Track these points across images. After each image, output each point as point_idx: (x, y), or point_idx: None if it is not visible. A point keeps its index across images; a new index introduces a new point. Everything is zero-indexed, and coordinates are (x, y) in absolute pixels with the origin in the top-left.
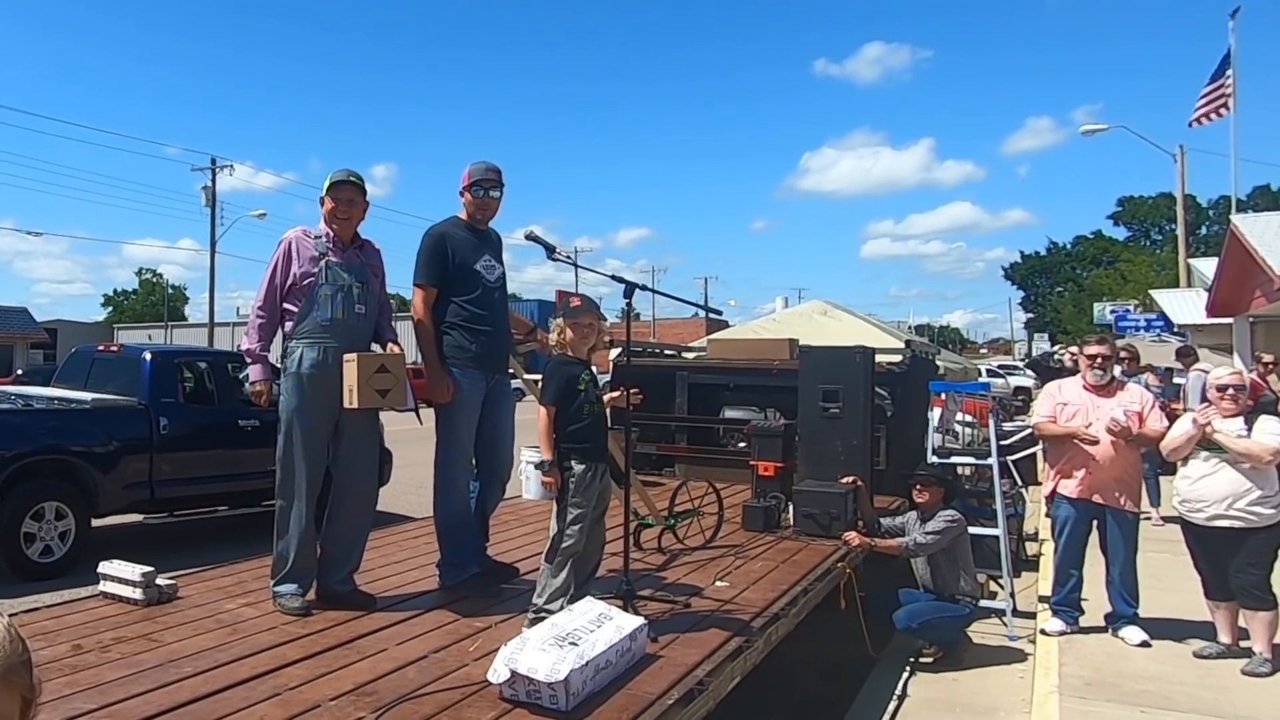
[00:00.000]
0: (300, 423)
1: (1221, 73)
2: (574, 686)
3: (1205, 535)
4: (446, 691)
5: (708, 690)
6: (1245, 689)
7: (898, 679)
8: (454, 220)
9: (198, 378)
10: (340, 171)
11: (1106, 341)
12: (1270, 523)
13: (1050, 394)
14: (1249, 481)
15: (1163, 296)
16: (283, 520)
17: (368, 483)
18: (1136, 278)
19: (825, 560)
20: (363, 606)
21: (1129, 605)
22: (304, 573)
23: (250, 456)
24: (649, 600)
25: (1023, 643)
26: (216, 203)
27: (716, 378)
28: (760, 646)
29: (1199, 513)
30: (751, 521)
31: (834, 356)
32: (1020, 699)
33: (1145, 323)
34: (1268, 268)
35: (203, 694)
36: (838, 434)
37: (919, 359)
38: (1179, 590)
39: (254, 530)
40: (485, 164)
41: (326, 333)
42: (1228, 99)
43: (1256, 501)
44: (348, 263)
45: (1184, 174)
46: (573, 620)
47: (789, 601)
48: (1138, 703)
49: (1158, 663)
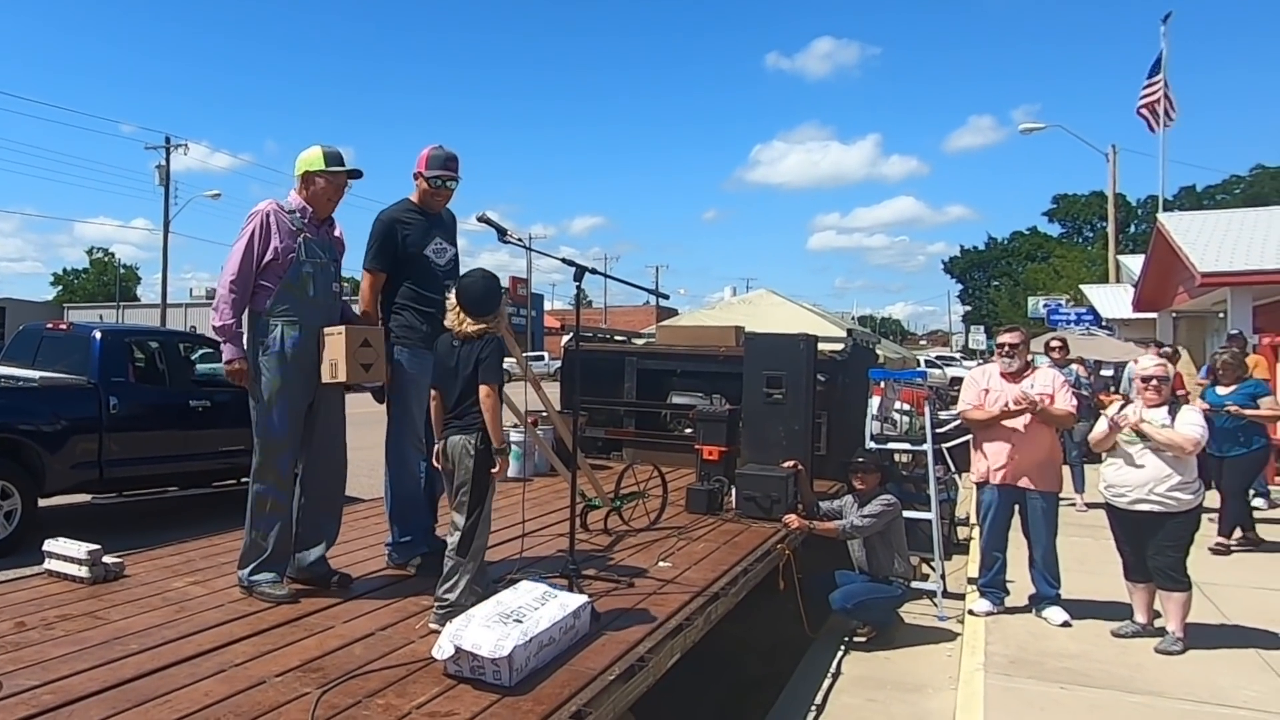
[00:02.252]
0: (284, 404)
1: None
2: (517, 662)
3: (1127, 518)
4: (393, 668)
5: (648, 666)
6: (1158, 666)
7: (832, 657)
8: (405, 204)
9: (149, 357)
10: (335, 152)
11: (1018, 330)
12: (1188, 508)
13: (974, 380)
14: (1169, 468)
15: (1093, 291)
16: (260, 505)
17: (340, 461)
18: (1069, 273)
19: (765, 542)
20: (340, 586)
21: (1051, 587)
22: (282, 559)
23: (201, 437)
24: (593, 579)
25: (952, 623)
26: (170, 182)
27: (664, 364)
28: (700, 625)
29: (1122, 497)
30: (695, 504)
31: (778, 344)
32: (948, 676)
33: (1076, 316)
34: (1190, 264)
35: (147, 670)
36: (780, 419)
37: (860, 347)
38: (1100, 573)
39: (204, 511)
40: (445, 153)
41: (306, 311)
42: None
43: (1176, 487)
44: (322, 240)
45: (1115, 173)
46: (518, 598)
47: (729, 581)
48: (1058, 679)
49: (1078, 641)
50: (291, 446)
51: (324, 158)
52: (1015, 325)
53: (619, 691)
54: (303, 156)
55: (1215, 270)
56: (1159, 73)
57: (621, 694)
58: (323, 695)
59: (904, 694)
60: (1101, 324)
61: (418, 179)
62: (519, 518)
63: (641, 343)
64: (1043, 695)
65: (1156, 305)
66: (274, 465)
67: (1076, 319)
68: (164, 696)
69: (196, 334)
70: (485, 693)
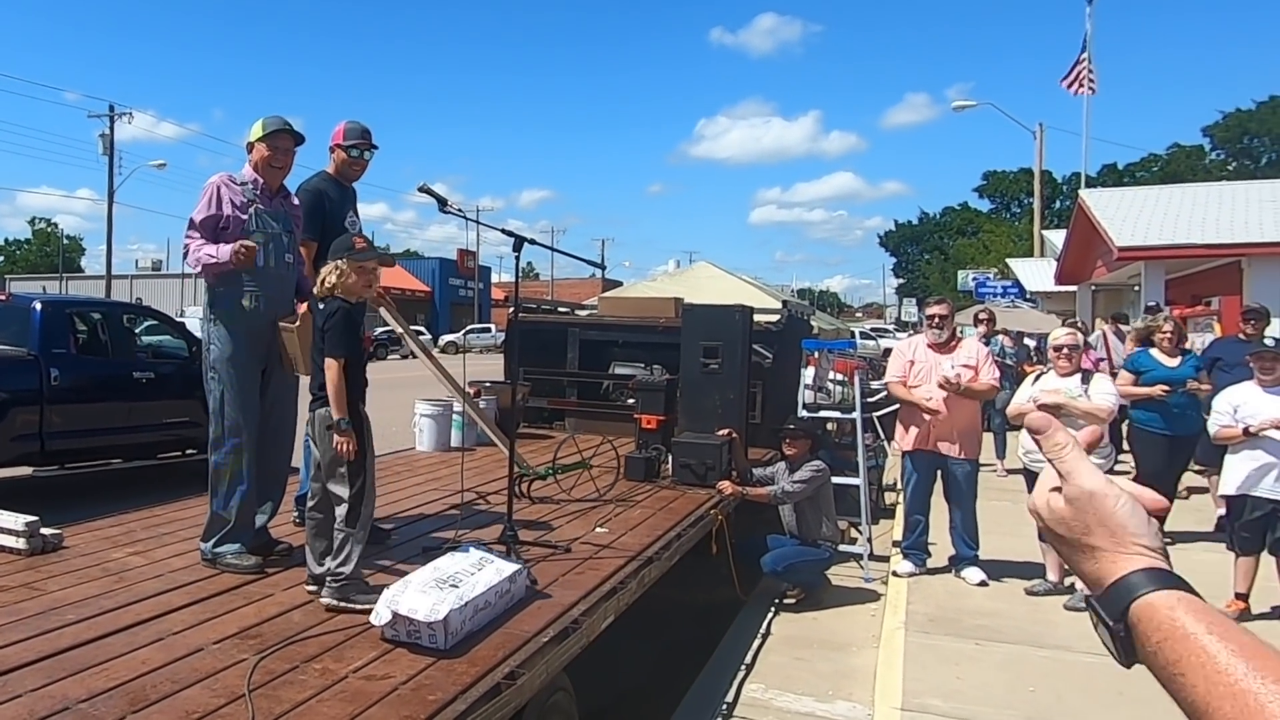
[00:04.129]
0: (239, 374)
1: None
2: (453, 626)
3: None
4: (330, 634)
5: (581, 628)
6: (1066, 622)
7: (763, 618)
8: (324, 176)
9: (91, 329)
10: (276, 119)
11: (945, 302)
12: None
13: (900, 352)
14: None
15: (1018, 265)
16: (219, 477)
17: (288, 431)
18: (997, 247)
19: (700, 508)
20: (283, 555)
21: (970, 548)
22: (246, 530)
23: (145, 409)
24: (530, 546)
25: (876, 584)
26: (115, 152)
27: (606, 335)
28: (634, 588)
29: (1039, 462)
30: (633, 472)
31: (714, 315)
32: (871, 635)
33: (1002, 289)
34: (1108, 239)
35: (84, 640)
36: (716, 389)
37: (795, 318)
38: (1017, 535)
39: (150, 483)
40: (359, 126)
41: (259, 281)
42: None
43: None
44: (275, 211)
45: (1042, 150)
46: (455, 564)
47: (663, 546)
48: (973, 636)
49: (993, 600)
50: (248, 416)
51: (263, 126)
52: (943, 298)
53: (552, 653)
54: (252, 127)
55: (1131, 245)
56: (1084, 52)
57: (555, 655)
58: (260, 661)
59: (830, 652)
60: (1026, 297)
61: (335, 151)
62: (459, 486)
63: (585, 314)
64: (958, 651)
65: (1077, 278)
66: (231, 436)
67: (1003, 292)
68: (100, 665)
69: (142, 305)
70: (421, 656)
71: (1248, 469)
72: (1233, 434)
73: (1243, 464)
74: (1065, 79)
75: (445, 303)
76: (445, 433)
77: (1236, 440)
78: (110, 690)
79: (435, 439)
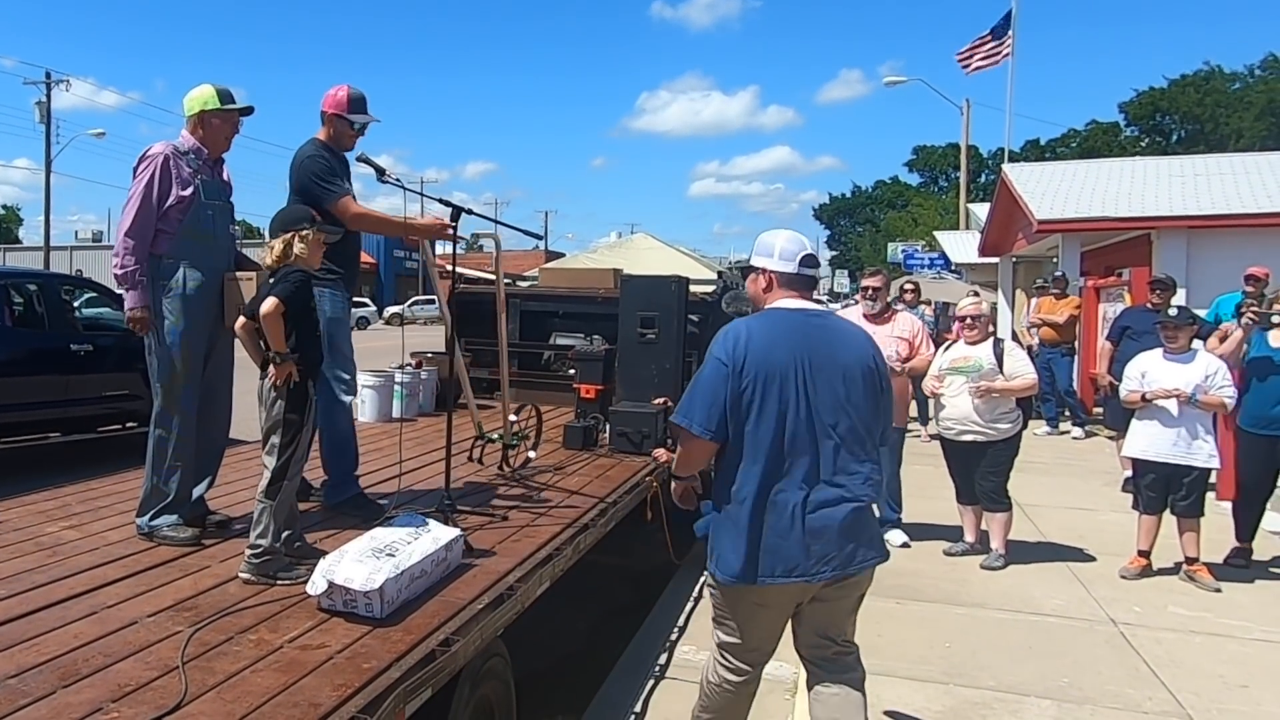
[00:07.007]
0: (186, 346)
1: (1004, 31)
2: (389, 595)
3: (956, 447)
4: (266, 604)
5: (516, 595)
6: (981, 581)
7: (695, 583)
8: (317, 144)
9: (27, 301)
10: (227, 90)
11: (880, 274)
12: (1007, 436)
13: None
14: (990, 402)
15: (944, 238)
16: (161, 450)
17: (226, 403)
18: (926, 220)
19: (635, 475)
20: (219, 527)
21: (893, 511)
22: (184, 504)
23: (83, 382)
24: (468, 514)
25: None
26: (52, 120)
27: (547, 305)
28: (569, 554)
29: (951, 429)
30: (571, 440)
31: (651, 285)
32: None
33: (929, 261)
34: (1029, 212)
35: (15, 615)
36: (652, 358)
37: (730, 289)
38: (938, 499)
39: (89, 458)
40: (362, 95)
41: (207, 252)
42: (1006, 56)
43: (996, 418)
44: (215, 181)
45: (968, 125)
46: (391, 533)
47: (599, 513)
48: (894, 596)
49: (914, 560)
50: (193, 390)
51: (218, 96)
52: (878, 269)
53: (487, 619)
54: (194, 95)
55: (1050, 218)
56: (1009, 28)
57: (490, 622)
58: (194, 633)
59: None
60: (951, 268)
61: (335, 120)
62: (398, 456)
63: (525, 285)
64: (879, 610)
65: (999, 250)
66: (176, 409)
67: (930, 264)
68: (31, 640)
69: (81, 277)
70: (357, 625)
71: (1151, 433)
72: (1135, 399)
73: (1146, 428)
74: (961, 53)
75: (390, 275)
76: (386, 403)
77: (1139, 405)
78: (40, 665)
79: (377, 409)
